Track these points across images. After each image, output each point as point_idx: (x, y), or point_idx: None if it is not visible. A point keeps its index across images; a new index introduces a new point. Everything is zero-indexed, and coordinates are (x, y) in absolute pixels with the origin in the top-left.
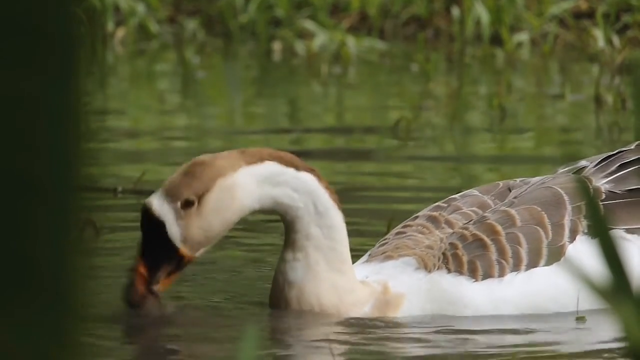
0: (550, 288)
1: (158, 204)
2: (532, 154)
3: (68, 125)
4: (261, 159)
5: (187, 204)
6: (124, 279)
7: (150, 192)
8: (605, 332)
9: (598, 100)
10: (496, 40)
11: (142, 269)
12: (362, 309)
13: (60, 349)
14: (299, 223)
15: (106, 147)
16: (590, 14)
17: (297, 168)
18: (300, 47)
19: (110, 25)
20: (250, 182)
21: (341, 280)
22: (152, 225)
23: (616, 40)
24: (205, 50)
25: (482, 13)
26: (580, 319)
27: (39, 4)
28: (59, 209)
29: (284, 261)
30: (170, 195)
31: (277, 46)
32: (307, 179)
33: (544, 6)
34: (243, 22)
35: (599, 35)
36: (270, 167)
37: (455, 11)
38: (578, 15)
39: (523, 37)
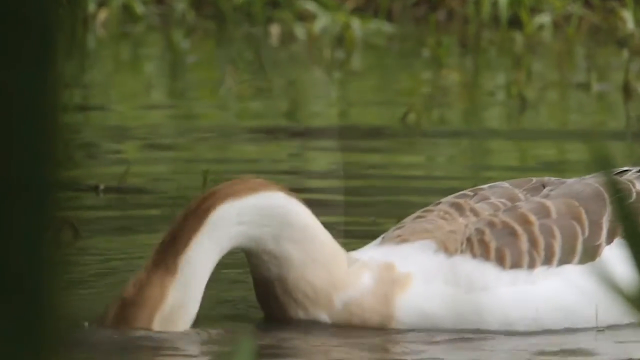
0: (582, 289)
1: None
2: (555, 148)
3: (45, 119)
4: (183, 247)
5: None
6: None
7: (135, 190)
8: (632, 341)
9: (627, 89)
10: (515, 22)
11: None
12: (359, 282)
13: (38, 355)
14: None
15: (87, 142)
16: None
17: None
18: (300, 30)
19: (91, 6)
20: (183, 294)
21: (322, 252)
22: None
23: None
24: (196, 33)
25: None
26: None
27: None
28: (35, 209)
29: (256, 269)
30: None
31: (274, 29)
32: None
33: None
34: (237, 3)
35: (628, 17)
36: (192, 256)
37: None
38: None
39: (544, 19)
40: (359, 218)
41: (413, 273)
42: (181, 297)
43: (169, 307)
